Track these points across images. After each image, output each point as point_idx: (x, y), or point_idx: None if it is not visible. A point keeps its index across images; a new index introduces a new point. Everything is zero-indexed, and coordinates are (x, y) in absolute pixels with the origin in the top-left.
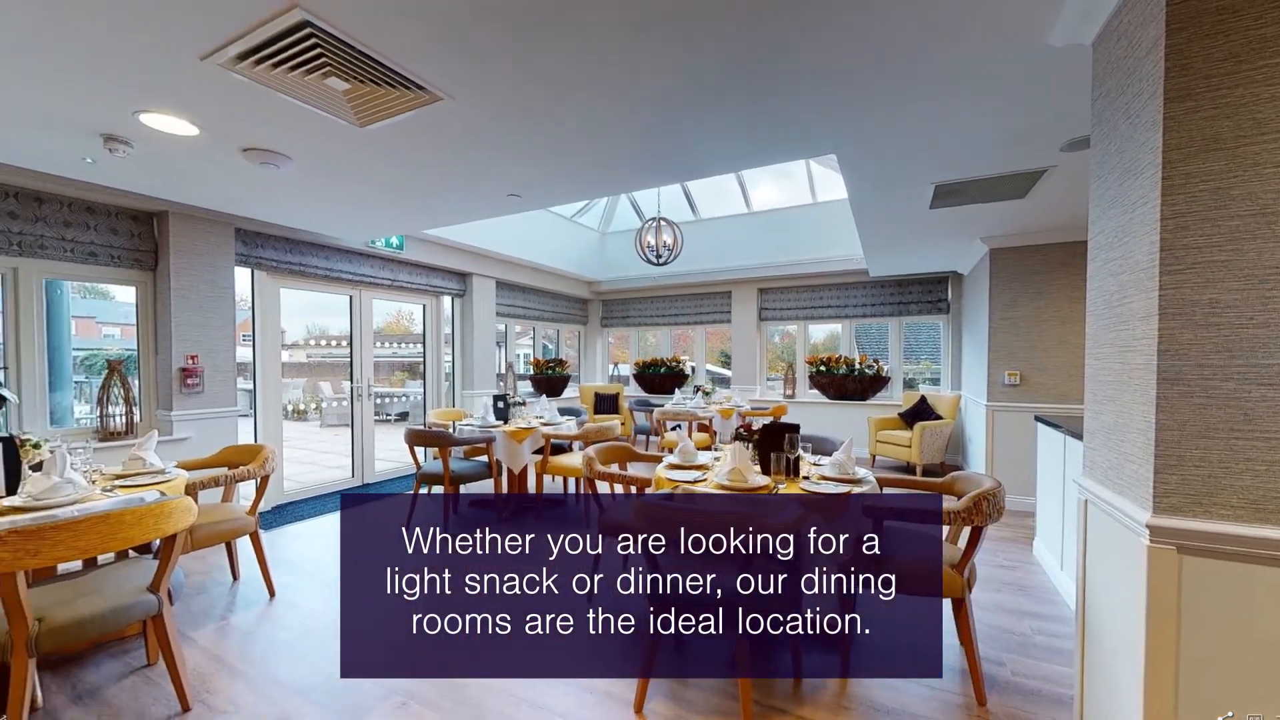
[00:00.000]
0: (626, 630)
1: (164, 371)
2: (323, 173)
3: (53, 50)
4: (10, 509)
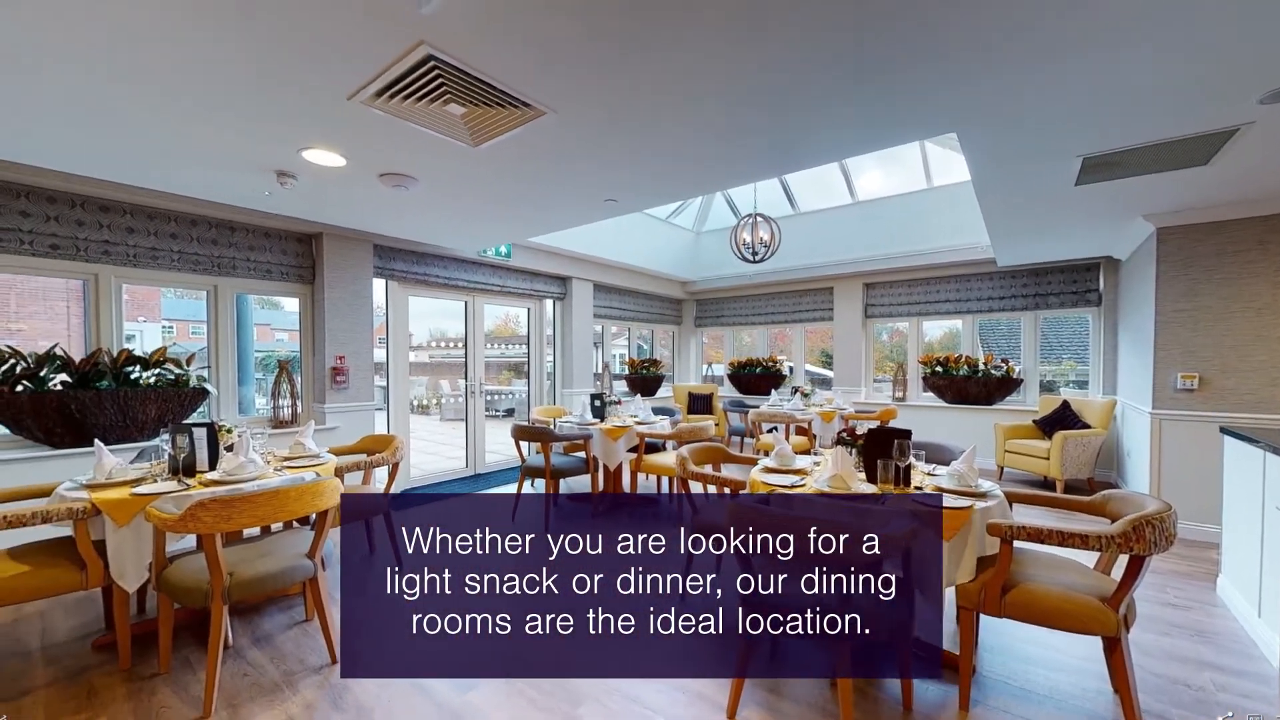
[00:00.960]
0: (718, 632)
1: (319, 370)
2: (443, 190)
3: (243, 107)
4: (211, 482)
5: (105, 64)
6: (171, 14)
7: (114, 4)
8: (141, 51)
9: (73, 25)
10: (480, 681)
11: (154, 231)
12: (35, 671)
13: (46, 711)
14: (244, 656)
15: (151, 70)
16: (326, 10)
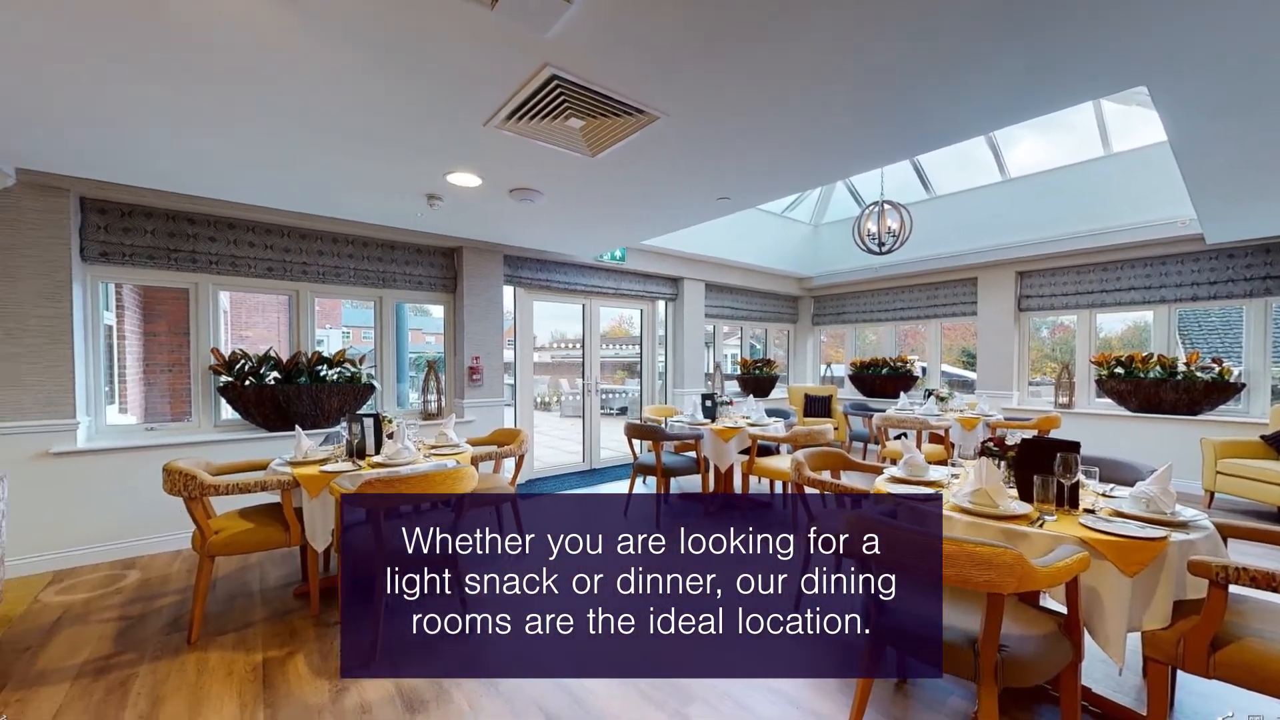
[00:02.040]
0: (835, 636)
1: (459, 369)
2: (564, 200)
3: (402, 142)
4: (376, 464)
5: (300, 115)
6: (348, 72)
7: (309, 69)
8: (326, 104)
9: (282, 87)
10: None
11: (337, 253)
12: (255, 609)
13: (264, 642)
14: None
15: (334, 119)
16: (464, 47)
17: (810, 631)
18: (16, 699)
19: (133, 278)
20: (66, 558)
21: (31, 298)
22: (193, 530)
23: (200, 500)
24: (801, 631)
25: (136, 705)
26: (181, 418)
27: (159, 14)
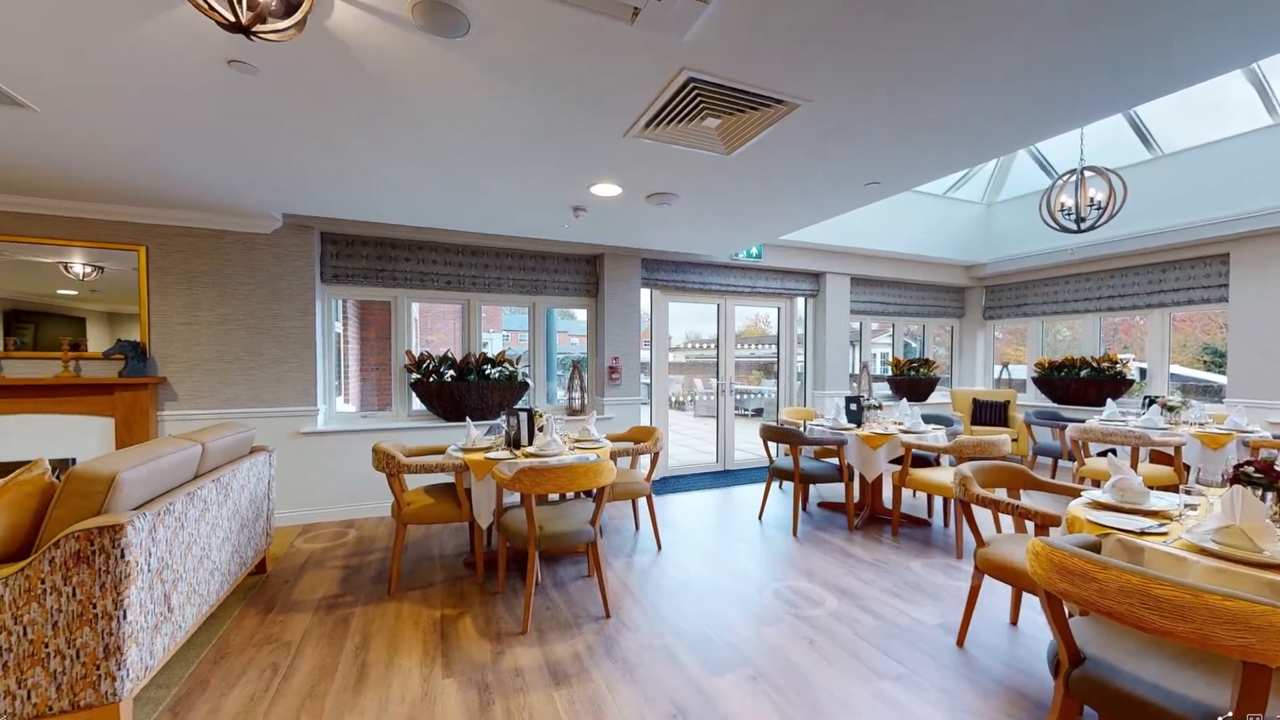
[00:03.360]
0: (1008, 685)
1: (600, 368)
2: (699, 201)
3: (553, 162)
4: (529, 454)
5: (476, 148)
6: (511, 105)
7: (481, 107)
8: (494, 136)
9: (462, 126)
10: (724, 667)
11: (499, 266)
12: (435, 572)
13: (441, 601)
14: (548, 594)
15: (500, 147)
16: (606, 64)
17: (971, 671)
18: (280, 619)
19: (353, 294)
20: (310, 515)
21: (291, 313)
22: (391, 501)
23: (398, 476)
24: (961, 668)
25: (354, 638)
26: (385, 408)
27: (376, 86)
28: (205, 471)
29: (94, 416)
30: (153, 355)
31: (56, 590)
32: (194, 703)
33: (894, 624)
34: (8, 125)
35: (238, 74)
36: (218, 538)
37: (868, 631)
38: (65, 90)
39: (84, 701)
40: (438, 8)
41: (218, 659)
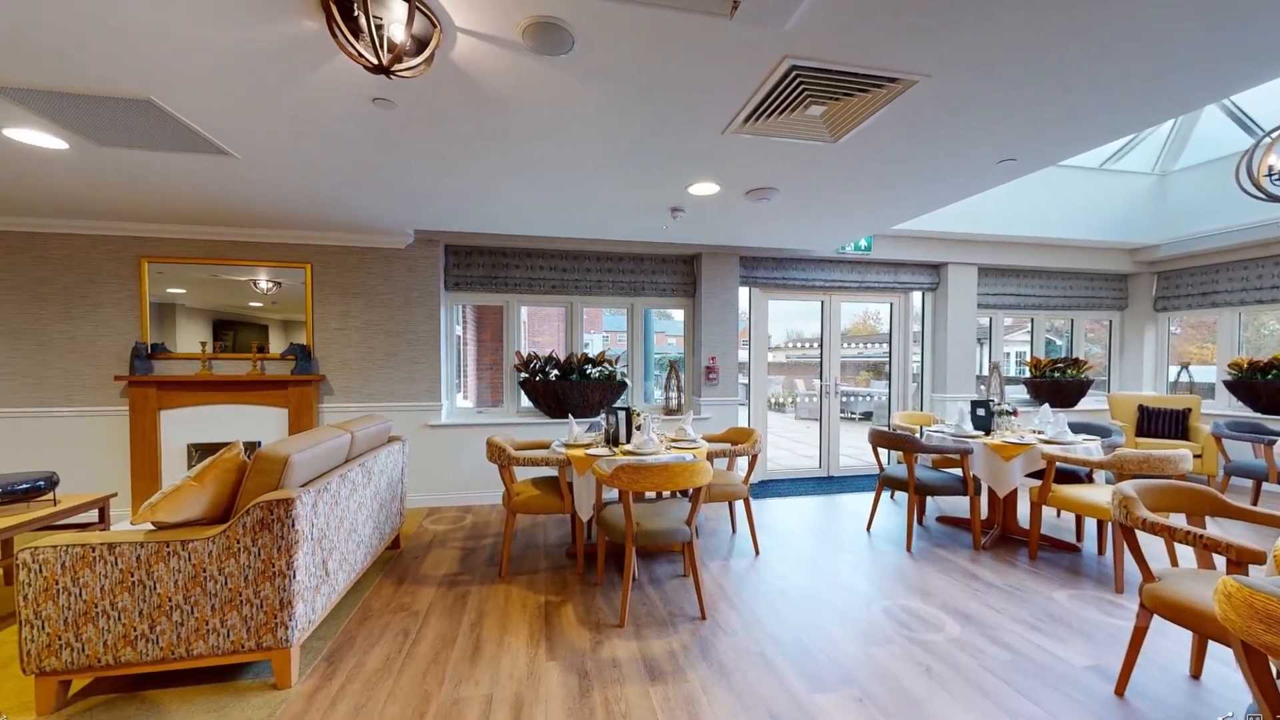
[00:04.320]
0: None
1: (697, 368)
2: (801, 194)
3: (651, 166)
4: (627, 452)
5: (580, 157)
6: (610, 112)
7: (583, 117)
8: (596, 144)
9: (568, 137)
10: (830, 688)
11: (599, 269)
12: (540, 560)
13: (546, 587)
14: (644, 590)
15: (603, 155)
16: (704, 62)
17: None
18: (411, 590)
19: (471, 300)
20: (435, 499)
21: (420, 318)
22: (503, 490)
23: (508, 468)
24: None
25: (469, 614)
26: (498, 404)
27: (493, 108)
28: (354, 457)
29: (273, 407)
30: (315, 356)
31: (247, 550)
32: (344, 656)
33: (1030, 660)
34: (215, 169)
35: (380, 110)
36: (363, 515)
37: (997, 665)
38: (255, 138)
39: (265, 644)
40: (545, 28)
41: (362, 620)
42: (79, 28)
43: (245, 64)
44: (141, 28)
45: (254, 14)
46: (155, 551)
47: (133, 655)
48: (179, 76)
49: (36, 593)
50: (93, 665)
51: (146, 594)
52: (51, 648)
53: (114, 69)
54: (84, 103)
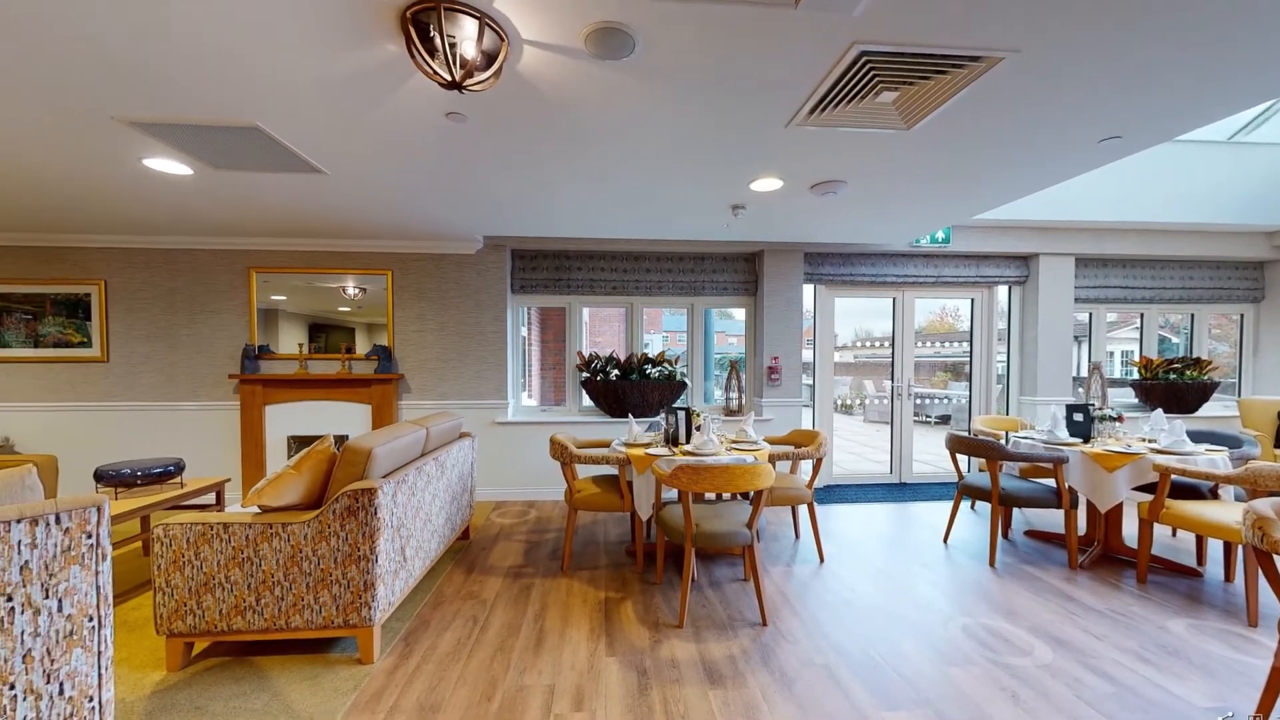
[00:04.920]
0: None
1: (758, 369)
2: (871, 186)
3: (712, 164)
4: (686, 452)
5: (640, 158)
6: (669, 110)
7: (643, 117)
8: (657, 144)
9: (629, 138)
10: (902, 706)
11: (659, 269)
12: (600, 556)
13: (606, 584)
14: (703, 592)
15: (663, 155)
16: (767, 55)
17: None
18: (479, 579)
19: (535, 302)
20: (501, 493)
21: (489, 320)
22: (564, 487)
23: (570, 465)
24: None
25: (534, 605)
26: (560, 403)
27: (556, 115)
28: (428, 451)
29: (358, 404)
30: (395, 356)
31: (336, 534)
32: (419, 638)
33: (1137, 694)
34: (310, 186)
35: (453, 124)
36: (436, 506)
37: (1097, 697)
38: (344, 155)
39: (351, 621)
40: (607, 34)
41: (435, 605)
42: (199, 65)
43: (336, 89)
44: (252, 62)
45: (345, 42)
46: (261, 532)
47: (242, 624)
48: (281, 104)
49: (167, 564)
50: (210, 630)
51: (254, 570)
52: (178, 613)
53: (228, 100)
54: (203, 132)
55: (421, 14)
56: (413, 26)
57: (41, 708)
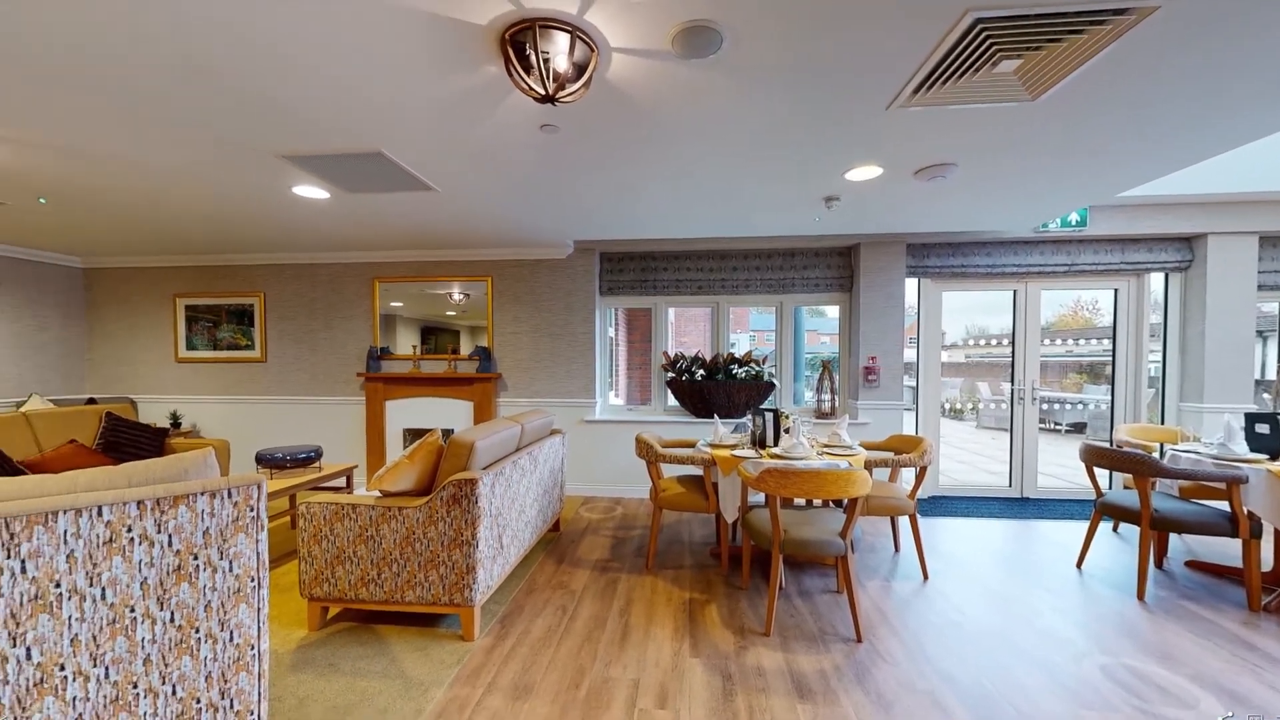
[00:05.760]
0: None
1: (854, 369)
2: (987, 167)
3: (800, 157)
4: (774, 455)
5: (726, 156)
6: (756, 104)
7: (728, 114)
8: (743, 140)
9: (713, 135)
10: (1007, 708)
11: (746, 267)
12: (685, 556)
13: (690, 584)
14: (791, 601)
15: (749, 150)
16: (864, 35)
17: None
18: (568, 571)
19: (622, 303)
20: (589, 489)
21: (578, 322)
22: (649, 486)
23: (655, 464)
24: None
25: (619, 600)
26: (646, 403)
27: (643, 118)
28: (523, 446)
29: (462, 400)
30: (494, 356)
31: (443, 519)
32: (514, 621)
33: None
34: (422, 203)
35: (547, 135)
36: (529, 498)
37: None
38: (451, 173)
39: (455, 601)
40: (694, 33)
41: (528, 592)
42: (334, 102)
43: (444, 112)
44: (377, 95)
45: (452, 67)
46: (381, 514)
47: (366, 594)
48: (400, 130)
49: (309, 537)
50: (341, 598)
51: (375, 547)
52: (317, 580)
53: (356, 131)
54: (338, 160)
55: (519, 34)
56: (511, 47)
57: (217, 650)
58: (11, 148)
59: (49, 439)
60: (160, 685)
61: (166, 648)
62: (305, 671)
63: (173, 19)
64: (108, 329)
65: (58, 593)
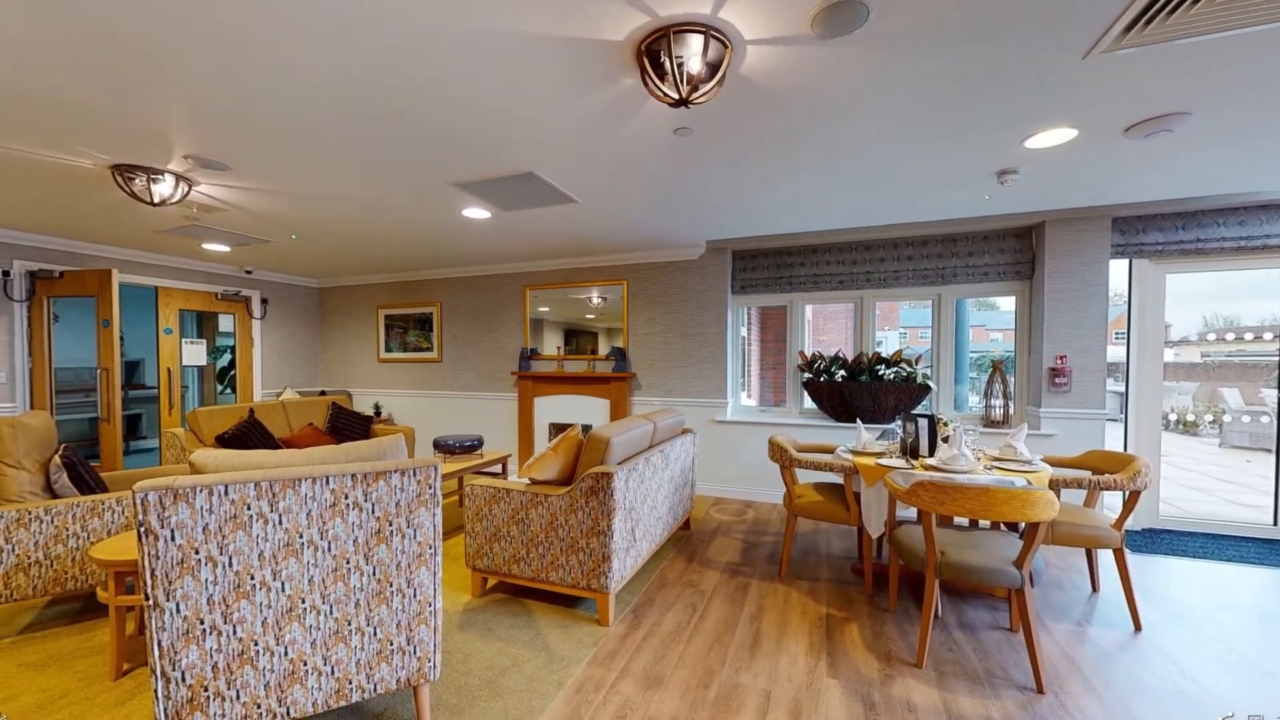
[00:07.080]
0: None
1: (1035, 370)
2: (1239, 109)
3: (968, 124)
4: (929, 467)
5: (876, 140)
6: (911, 74)
7: (877, 89)
8: (898, 117)
9: (859, 114)
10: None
11: (896, 257)
12: (821, 569)
13: (827, 599)
14: (949, 633)
15: (905, 125)
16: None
17: None
18: (698, 570)
19: (755, 302)
20: (719, 490)
21: (710, 321)
22: (783, 491)
23: (790, 469)
24: None
25: (749, 605)
26: (780, 404)
27: (778, 108)
28: (655, 444)
29: (599, 398)
30: (629, 356)
31: (582, 509)
32: (645, 613)
33: None
34: (566, 214)
35: (680, 139)
36: (661, 494)
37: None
38: (590, 184)
39: (591, 586)
40: (837, 9)
41: (659, 586)
42: (491, 130)
43: (585, 128)
44: (527, 118)
45: (591, 83)
46: (530, 500)
47: (517, 571)
48: (546, 149)
49: (473, 514)
50: (497, 571)
51: (524, 529)
52: (479, 553)
53: (512, 155)
54: (497, 183)
55: (654, 44)
56: (646, 58)
57: (405, 603)
58: (274, 197)
59: (296, 421)
60: (365, 626)
61: (370, 595)
62: (469, 631)
63: (374, 80)
64: (333, 335)
65: (300, 541)
